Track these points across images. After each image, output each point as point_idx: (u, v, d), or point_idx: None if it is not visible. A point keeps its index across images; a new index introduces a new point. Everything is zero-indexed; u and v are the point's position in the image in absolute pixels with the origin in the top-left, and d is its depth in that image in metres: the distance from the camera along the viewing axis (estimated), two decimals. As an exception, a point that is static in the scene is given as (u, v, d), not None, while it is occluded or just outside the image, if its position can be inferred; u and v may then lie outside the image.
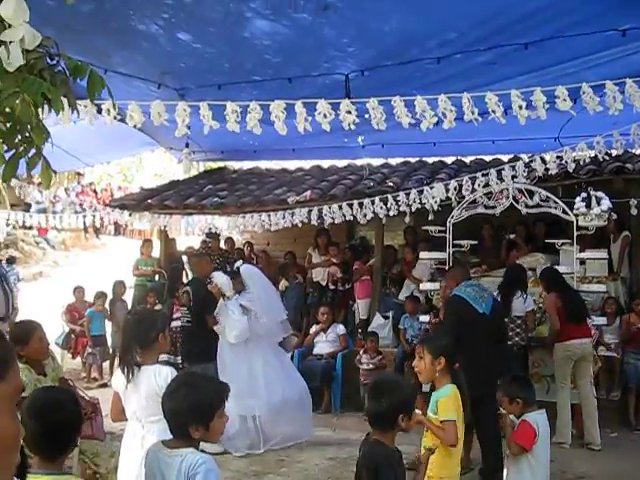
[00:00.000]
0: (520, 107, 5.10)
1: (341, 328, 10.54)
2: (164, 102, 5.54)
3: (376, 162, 13.12)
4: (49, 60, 3.33)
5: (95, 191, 22.88)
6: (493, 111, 5.14)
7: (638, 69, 5.94)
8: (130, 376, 4.11)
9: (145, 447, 3.30)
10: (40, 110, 3.28)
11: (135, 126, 5.73)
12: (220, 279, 8.20)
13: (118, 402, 4.27)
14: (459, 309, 6.86)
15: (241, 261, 9.58)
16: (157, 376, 4.01)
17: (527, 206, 9.04)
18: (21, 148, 3.11)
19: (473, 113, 5.12)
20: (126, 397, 4.18)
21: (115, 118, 5.40)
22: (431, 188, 9.18)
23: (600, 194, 8.82)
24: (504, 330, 7.34)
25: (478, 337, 6.54)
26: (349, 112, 5.23)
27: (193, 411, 2.94)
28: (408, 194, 9.28)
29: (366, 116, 5.52)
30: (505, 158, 11.67)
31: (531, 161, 8.61)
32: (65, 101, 3.44)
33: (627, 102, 5.23)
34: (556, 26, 6.18)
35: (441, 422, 4.35)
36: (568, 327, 7.96)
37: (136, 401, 4.10)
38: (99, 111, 5.41)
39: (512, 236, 10.80)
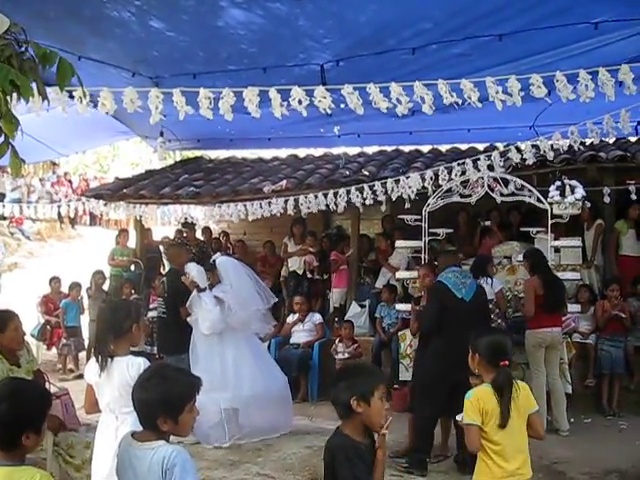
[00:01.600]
0: (496, 92, 5.11)
1: (318, 317, 10.54)
2: (137, 89, 5.50)
3: (352, 151, 13.13)
4: (17, 47, 3.30)
5: (70, 181, 22.66)
6: (469, 97, 5.15)
7: (611, 60, 5.99)
8: (104, 366, 4.09)
9: (119, 438, 3.27)
10: (9, 98, 3.24)
11: (107, 113, 5.69)
12: (193, 270, 8.15)
13: (92, 393, 4.25)
14: (441, 295, 6.95)
15: (219, 253, 9.50)
16: (130, 367, 3.99)
17: (502, 194, 9.07)
18: (-10, 137, 3.08)
19: (452, 96, 5.13)
20: (99, 388, 4.16)
21: (87, 105, 5.36)
22: (407, 178, 9.20)
23: (574, 183, 8.89)
24: (486, 315, 7.36)
25: (457, 323, 6.60)
26: (324, 97, 5.21)
27: (162, 403, 2.89)
28: (384, 184, 9.29)
29: (342, 106, 5.50)
30: (481, 147, 11.73)
31: (507, 151, 8.65)
32: (35, 89, 3.41)
33: (600, 92, 5.27)
34: (529, 18, 6.22)
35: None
36: (541, 315, 7.98)
37: (109, 392, 4.09)
38: (71, 97, 5.36)
39: (487, 223, 10.86)
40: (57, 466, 4.81)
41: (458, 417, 4.01)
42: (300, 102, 5.19)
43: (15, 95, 3.24)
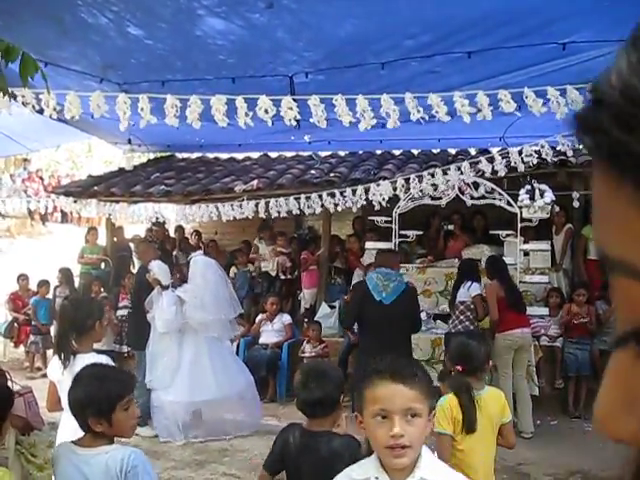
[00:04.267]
0: (462, 105, 5.15)
1: (287, 317, 10.55)
2: (104, 94, 5.46)
3: (324, 152, 13.14)
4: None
5: (42, 178, 22.44)
6: (436, 111, 5.19)
7: (578, 79, 6.07)
8: (66, 364, 4.08)
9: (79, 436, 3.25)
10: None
11: (73, 118, 5.62)
12: (155, 268, 8.14)
13: (54, 391, 4.24)
14: (359, 294, 7.03)
15: (199, 252, 9.46)
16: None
17: (472, 197, 9.14)
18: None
19: (419, 111, 5.16)
20: (62, 386, 4.13)
21: (54, 109, 5.31)
22: (378, 185, 9.23)
23: (544, 187, 8.99)
24: (411, 319, 7.11)
25: (375, 324, 6.66)
26: (290, 108, 5.22)
27: (90, 403, 2.85)
28: (355, 190, 9.32)
29: (311, 120, 5.53)
30: (452, 150, 11.80)
31: (477, 162, 8.71)
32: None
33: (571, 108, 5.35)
34: (497, 37, 6.27)
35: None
36: (508, 317, 8.07)
37: (72, 389, 4.06)
38: (38, 101, 5.32)
39: (450, 226, 10.94)
40: (19, 465, 4.77)
41: None
42: (267, 112, 5.19)
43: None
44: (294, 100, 5.34)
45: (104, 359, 4.00)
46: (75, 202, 12.31)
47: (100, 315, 4.32)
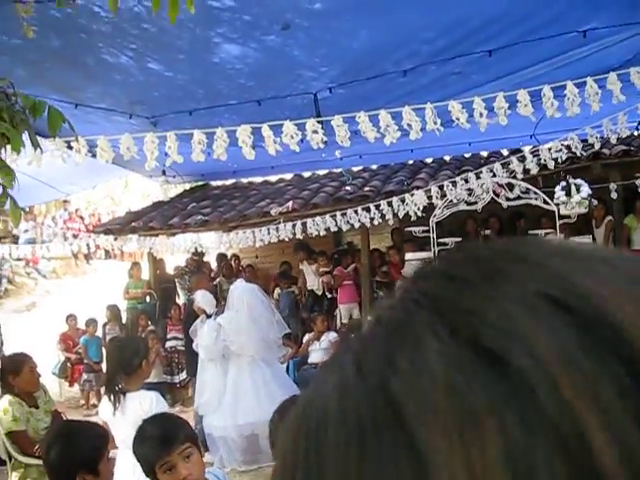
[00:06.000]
0: (481, 115, 5.15)
1: (333, 335, 10.54)
2: (133, 135, 5.54)
3: (356, 167, 13.15)
4: (7, 100, 3.36)
5: (82, 217, 22.81)
6: (457, 118, 5.20)
7: (600, 68, 6.04)
8: (117, 404, 4.15)
9: (137, 474, 3.30)
10: (3, 150, 3.30)
11: (107, 161, 5.73)
12: (198, 297, 8.22)
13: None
14: None
15: (241, 279, 9.47)
16: (143, 402, 4.06)
17: (508, 199, 9.07)
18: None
19: (435, 123, 5.18)
20: (114, 425, 4.21)
21: (86, 155, 5.42)
22: (412, 195, 9.22)
23: (579, 181, 8.87)
24: None
25: None
26: (316, 132, 5.26)
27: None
28: (390, 202, 9.32)
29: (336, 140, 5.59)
30: (484, 153, 11.75)
31: (508, 163, 8.67)
32: (29, 140, 3.46)
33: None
34: (517, 32, 6.25)
35: None
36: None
37: (124, 429, 4.13)
38: (69, 148, 5.43)
39: (487, 232, 10.89)
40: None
41: None
42: (292, 137, 5.24)
43: (9, 147, 3.31)
44: (319, 122, 5.38)
45: (153, 396, 4.07)
46: (116, 239, 12.49)
47: (146, 353, 4.39)
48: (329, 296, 11.88)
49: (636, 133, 10.98)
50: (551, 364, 0.33)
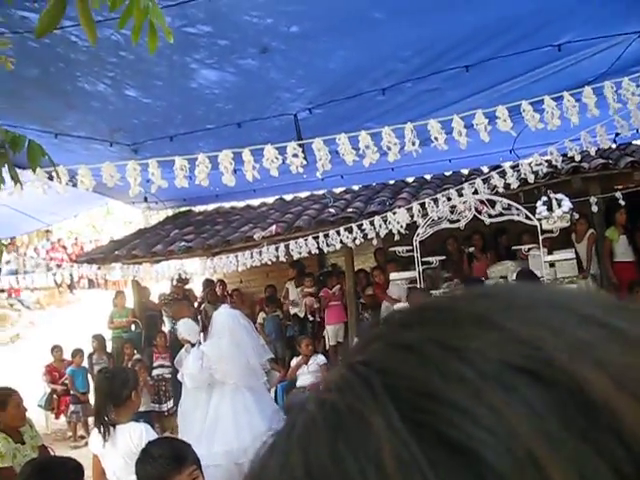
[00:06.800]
0: (460, 133, 5.18)
1: (321, 358, 10.48)
2: (114, 163, 5.54)
3: (338, 189, 13.18)
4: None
5: (64, 246, 22.70)
6: (435, 138, 5.23)
7: (575, 82, 6.10)
8: (106, 436, 4.10)
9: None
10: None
11: (87, 189, 5.71)
12: (181, 327, 8.13)
13: (98, 463, 4.27)
14: None
15: (226, 305, 9.39)
16: (132, 434, 4.02)
17: (490, 216, 9.11)
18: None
19: (414, 144, 5.20)
20: (105, 457, 4.17)
21: (67, 184, 5.41)
22: (394, 214, 9.25)
23: (560, 196, 8.93)
24: None
25: None
26: (296, 155, 5.27)
27: None
28: (372, 222, 9.34)
29: (316, 164, 5.61)
30: (465, 170, 11.81)
31: (489, 178, 8.72)
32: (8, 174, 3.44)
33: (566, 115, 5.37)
34: (493, 47, 6.31)
35: None
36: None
37: (115, 461, 4.10)
38: (50, 178, 5.41)
39: (471, 249, 10.94)
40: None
41: None
42: (273, 162, 5.25)
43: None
44: (300, 145, 5.40)
45: (143, 428, 4.04)
46: (99, 268, 12.43)
47: (135, 384, 4.35)
48: (311, 319, 11.87)
49: (614, 145, 11.10)
50: (537, 461, 0.30)
